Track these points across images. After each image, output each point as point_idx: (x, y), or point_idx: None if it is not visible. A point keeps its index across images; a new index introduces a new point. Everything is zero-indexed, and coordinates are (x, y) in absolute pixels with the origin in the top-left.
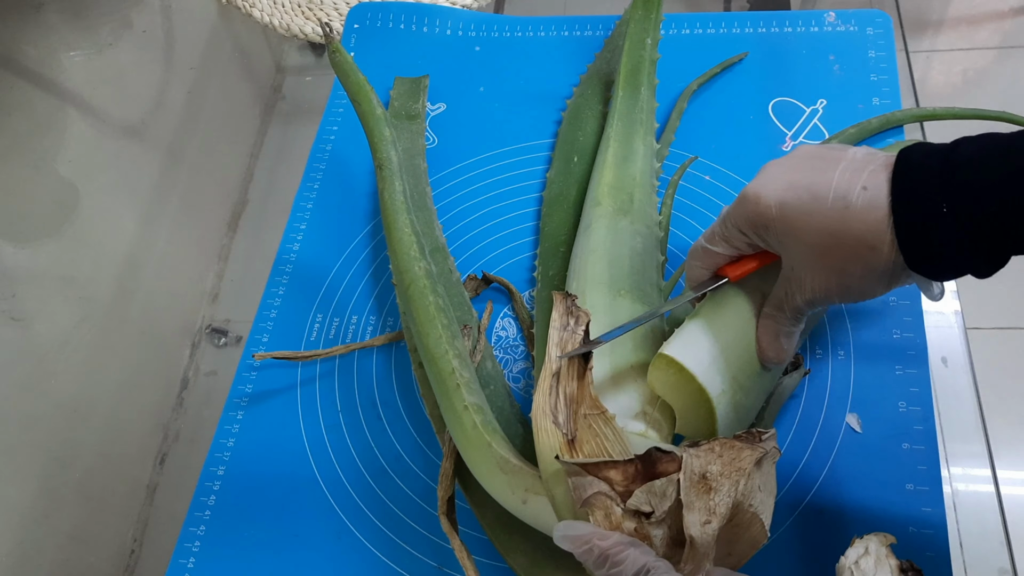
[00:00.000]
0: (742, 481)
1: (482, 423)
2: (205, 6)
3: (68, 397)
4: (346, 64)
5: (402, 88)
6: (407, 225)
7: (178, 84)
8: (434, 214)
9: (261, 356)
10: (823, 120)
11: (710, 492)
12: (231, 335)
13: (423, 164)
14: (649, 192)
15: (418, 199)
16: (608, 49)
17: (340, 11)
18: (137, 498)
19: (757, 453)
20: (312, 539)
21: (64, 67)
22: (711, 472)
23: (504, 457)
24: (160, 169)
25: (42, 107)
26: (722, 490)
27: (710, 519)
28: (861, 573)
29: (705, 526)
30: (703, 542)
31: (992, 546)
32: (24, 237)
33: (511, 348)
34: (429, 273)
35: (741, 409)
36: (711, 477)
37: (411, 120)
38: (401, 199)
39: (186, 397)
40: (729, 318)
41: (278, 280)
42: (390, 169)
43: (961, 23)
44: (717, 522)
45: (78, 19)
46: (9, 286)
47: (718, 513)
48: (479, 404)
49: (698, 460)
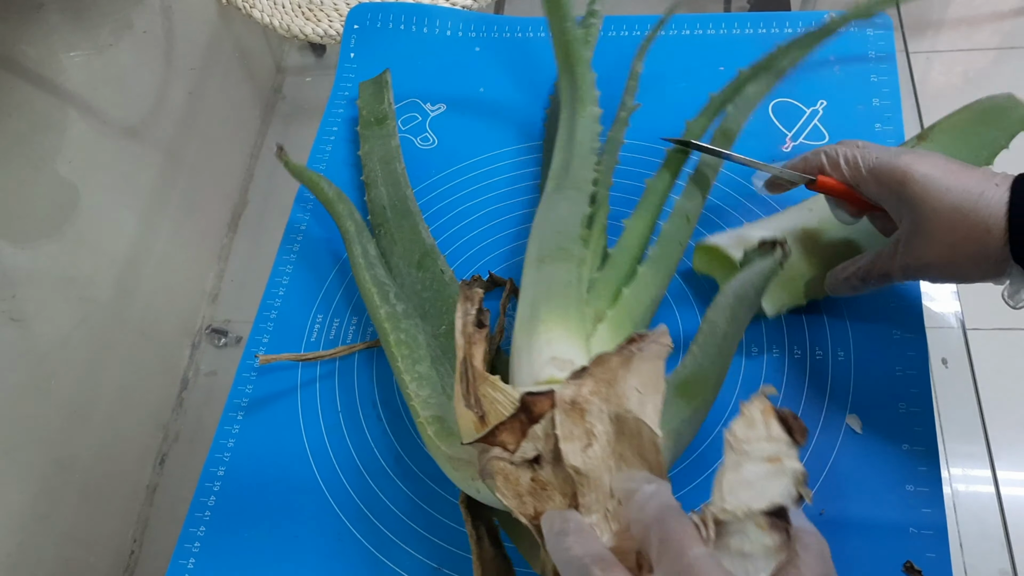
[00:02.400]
0: (610, 391)
1: (435, 432)
2: (205, 7)
3: (68, 397)
4: (294, 167)
5: (366, 93)
6: (367, 280)
7: (178, 84)
8: (419, 217)
9: (265, 359)
10: (823, 121)
11: (583, 415)
12: (231, 335)
13: (400, 166)
14: (586, 157)
15: (399, 205)
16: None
17: (340, 11)
18: (137, 498)
19: (624, 356)
20: (312, 540)
21: (64, 67)
22: (581, 394)
23: (452, 455)
24: (160, 169)
25: (42, 107)
26: (593, 408)
27: (590, 441)
28: (738, 441)
29: (587, 451)
30: (590, 468)
31: (992, 547)
32: (24, 237)
33: None
34: (390, 316)
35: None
36: (581, 399)
37: (380, 124)
38: (361, 260)
39: (186, 397)
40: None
41: (278, 280)
42: (349, 237)
43: (961, 24)
44: (599, 443)
45: (78, 19)
46: (9, 286)
47: (596, 432)
48: (434, 415)
49: (568, 388)
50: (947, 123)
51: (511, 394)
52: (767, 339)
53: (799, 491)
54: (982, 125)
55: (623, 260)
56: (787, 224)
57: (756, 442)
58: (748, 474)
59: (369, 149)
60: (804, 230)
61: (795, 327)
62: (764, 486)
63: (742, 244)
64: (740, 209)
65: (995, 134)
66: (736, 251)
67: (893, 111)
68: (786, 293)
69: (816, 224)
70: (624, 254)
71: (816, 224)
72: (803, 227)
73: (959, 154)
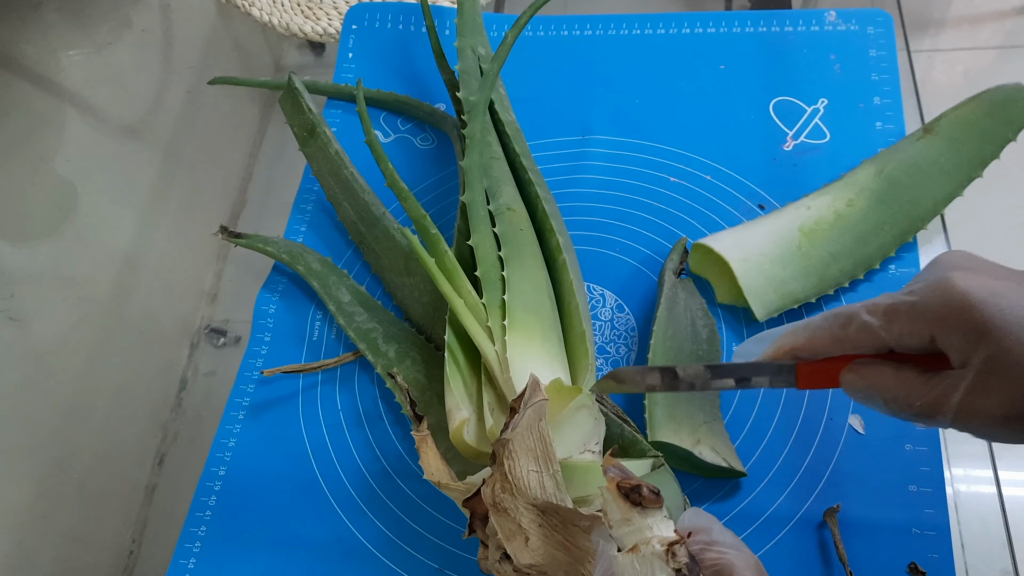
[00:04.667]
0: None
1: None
2: (204, 5)
3: (67, 397)
4: (244, 241)
5: (287, 107)
6: (353, 337)
7: (177, 83)
8: (388, 219)
9: (270, 372)
10: (824, 120)
11: (507, 513)
12: (230, 335)
13: (348, 172)
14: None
15: (365, 216)
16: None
17: (339, 9)
18: (136, 498)
19: (502, 444)
20: (313, 540)
21: (63, 66)
22: (496, 494)
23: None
24: (159, 169)
25: (41, 106)
26: (508, 506)
27: (527, 535)
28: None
29: (528, 544)
30: (540, 559)
31: (994, 547)
32: (22, 237)
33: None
34: (386, 368)
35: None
36: (498, 499)
37: (312, 136)
38: (341, 320)
39: (185, 397)
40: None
41: (278, 280)
42: (320, 295)
43: (963, 22)
44: (534, 534)
45: (77, 18)
46: (7, 286)
47: (524, 525)
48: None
49: (487, 488)
50: (953, 115)
51: (461, 491)
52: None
53: (675, 566)
54: (989, 117)
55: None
56: (785, 223)
57: (619, 528)
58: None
59: (318, 167)
60: (800, 229)
61: None
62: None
63: (737, 246)
64: (740, 208)
65: (1002, 126)
66: (731, 252)
67: (894, 109)
68: (777, 296)
69: (813, 223)
70: (486, 272)
71: (813, 223)
72: (799, 226)
73: (966, 146)
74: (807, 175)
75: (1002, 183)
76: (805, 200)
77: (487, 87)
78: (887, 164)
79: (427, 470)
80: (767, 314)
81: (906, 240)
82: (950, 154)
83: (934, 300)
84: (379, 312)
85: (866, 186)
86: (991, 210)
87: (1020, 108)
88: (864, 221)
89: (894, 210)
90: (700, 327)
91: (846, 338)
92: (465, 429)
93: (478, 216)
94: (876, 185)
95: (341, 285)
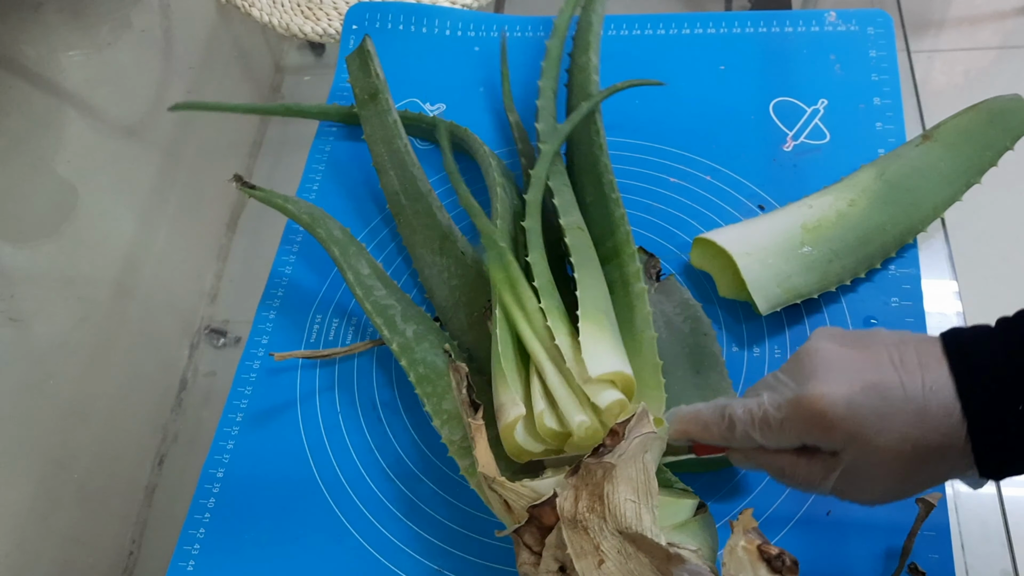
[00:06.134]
0: (604, 508)
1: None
2: (204, 5)
3: (66, 398)
4: (261, 194)
5: (353, 67)
6: (369, 311)
7: (177, 84)
8: (431, 197)
9: (281, 356)
10: (824, 120)
11: (587, 531)
12: (230, 336)
13: (402, 143)
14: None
15: (410, 188)
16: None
17: (339, 10)
18: (135, 499)
19: (605, 468)
20: (312, 541)
21: (63, 66)
22: (579, 511)
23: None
24: (159, 169)
25: (41, 107)
26: (593, 526)
27: (601, 559)
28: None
29: (601, 567)
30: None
31: (994, 548)
32: (23, 237)
33: None
34: (403, 347)
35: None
36: (581, 517)
37: (374, 100)
38: (358, 291)
39: (185, 398)
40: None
41: (277, 280)
42: (338, 263)
43: (963, 23)
44: (610, 559)
45: (77, 18)
46: (7, 286)
47: (603, 549)
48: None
49: (567, 502)
50: (952, 123)
51: (523, 495)
52: (768, 337)
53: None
54: (988, 126)
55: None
56: (787, 220)
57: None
58: None
59: (371, 131)
60: (803, 227)
61: (797, 324)
62: None
63: (740, 240)
64: (740, 209)
65: (1000, 135)
66: (734, 246)
67: (894, 110)
68: (781, 290)
69: (815, 221)
70: (546, 285)
71: (815, 221)
72: (802, 224)
73: (964, 155)
74: (807, 176)
75: (1001, 188)
76: (807, 200)
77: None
78: (888, 167)
79: (481, 462)
80: (770, 308)
81: (907, 241)
82: (949, 160)
83: (798, 417)
84: (397, 291)
85: (868, 187)
86: (990, 213)
87: (1017, 118)
88: (866, 221)
89: (895, 211)
90: (679, 324)
91: (732, 438)
92: (518, 427)
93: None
94: (877, 187)
95: (361, 257)
